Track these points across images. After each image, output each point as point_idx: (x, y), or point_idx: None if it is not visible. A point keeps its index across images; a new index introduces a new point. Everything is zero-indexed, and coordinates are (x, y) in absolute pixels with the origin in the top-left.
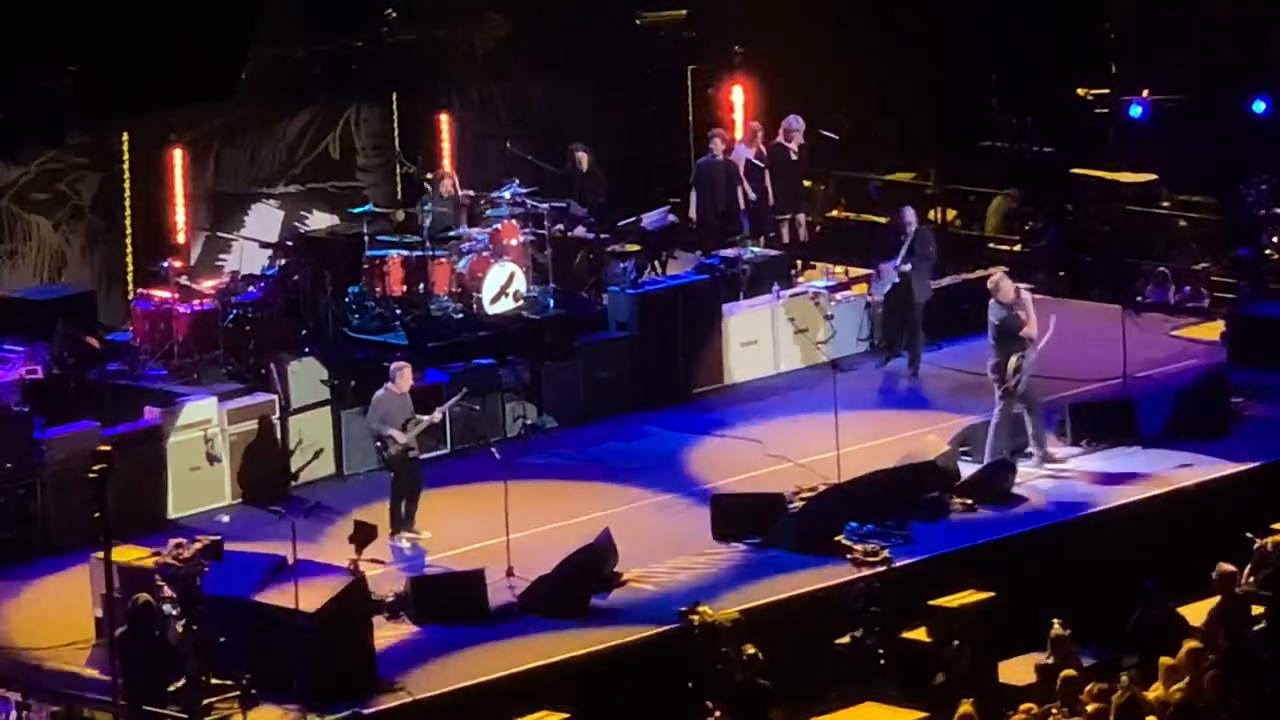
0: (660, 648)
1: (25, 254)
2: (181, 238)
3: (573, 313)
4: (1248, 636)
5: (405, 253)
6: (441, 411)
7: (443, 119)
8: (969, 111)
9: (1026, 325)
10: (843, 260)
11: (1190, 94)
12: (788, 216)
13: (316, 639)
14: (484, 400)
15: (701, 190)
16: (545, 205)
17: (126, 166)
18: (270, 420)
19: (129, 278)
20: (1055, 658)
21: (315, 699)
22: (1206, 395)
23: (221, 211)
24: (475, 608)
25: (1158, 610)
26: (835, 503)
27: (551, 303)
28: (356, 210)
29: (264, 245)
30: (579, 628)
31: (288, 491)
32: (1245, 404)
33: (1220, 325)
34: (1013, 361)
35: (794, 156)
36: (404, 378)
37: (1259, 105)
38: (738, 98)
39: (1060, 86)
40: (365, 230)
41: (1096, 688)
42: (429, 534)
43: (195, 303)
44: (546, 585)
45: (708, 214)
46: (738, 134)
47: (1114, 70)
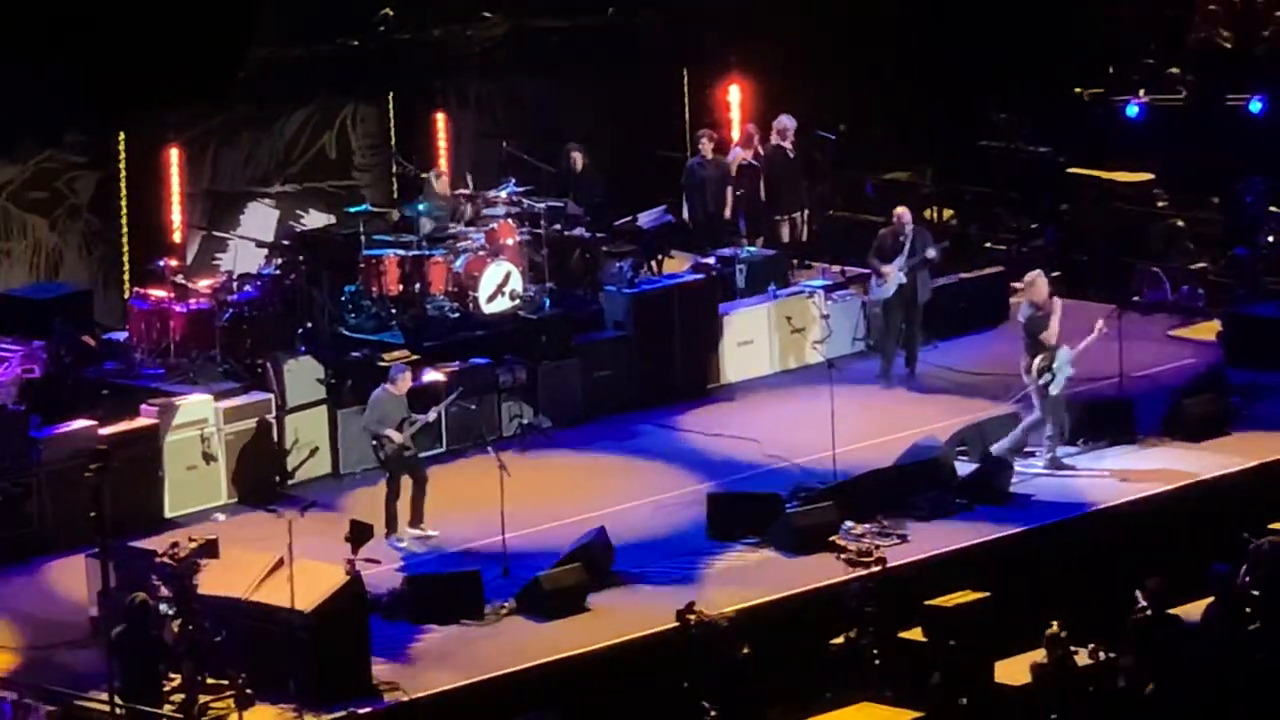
0: (656, 648)
1: (22, 253)
2: (178, 237)
3: (569, 312)
4: (1243, 637)
5: (401, 252)
6: (437, 411)
7: (439, 118)
8: (966, 111)
9: (1046, 331)
10: (839, 260)
11: (1187, 94)
12: (788, 216)
13: (312, 638)
14: (480, 400)
15: (692, 193)
16: (542, 204)
17: (123, 165)
18: (266, 419)
19: (125, 277)
20: (1051, 657)
21: (311, 699)
22: (1203, 395)
23: (218, 211)
24: (471, 607)
25: (1154, 611)
26: (832, 502)
27: (548, 302)
28: (353, 209)
29: (260, 244)
30: (575, 627)
31: (284, 490)
32: (1242, 404)
33: (1217, 325)
34: (1037, 362)
35: (791, 155)
36: (404, 380)
37: (1255, 105)
38: (734, 98)
39: (1057, 86)
40: (361, 229)
41: None
42: (437, 533)
43: (191, 302)
44: (543, 585)
45: (699, 215)
46: (734, 134)
47: (1111, 70)
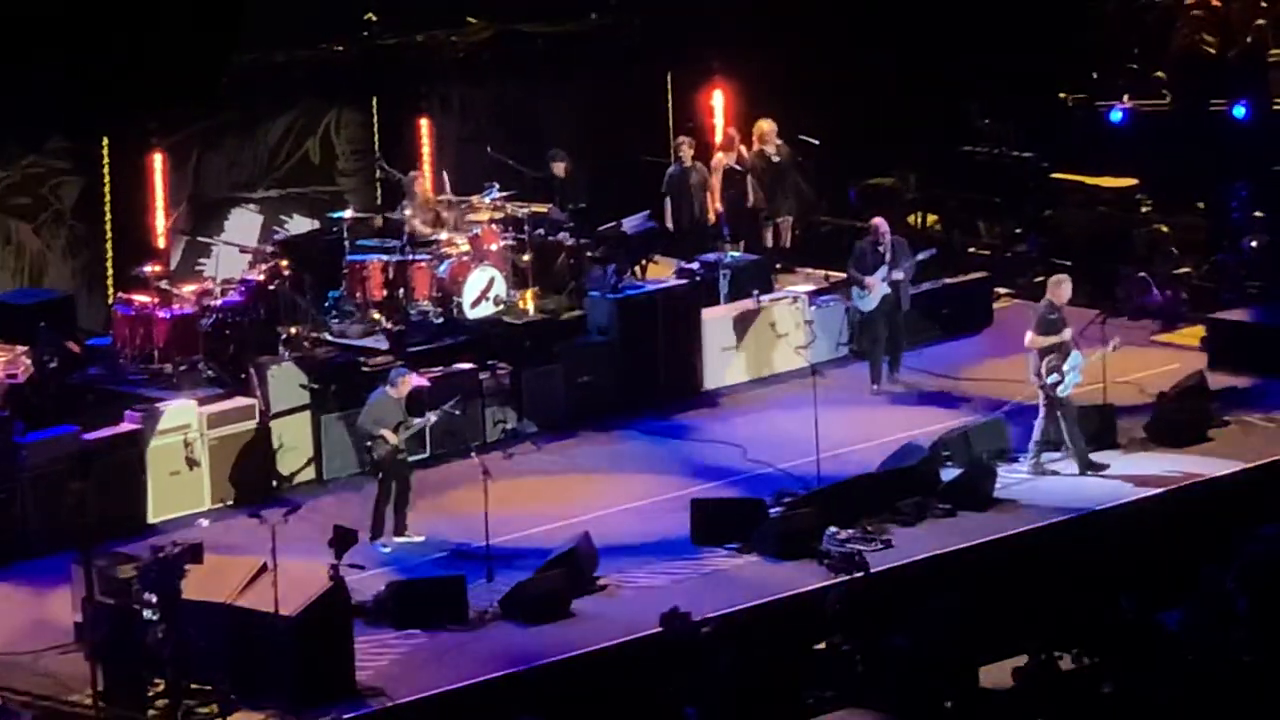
0: (640, 653)
1: (6, 258)
2: (162, 242)
3: (552, 317)
4: (1227, 640)
5: (385, 257)
6: (435, 415)
7: (423, 123)
8: (950, 116)
9: (1061, 332)
10: (823, 265)
11: (1170, 99)
12: (773, 221)
13: (296, 643)
14: (464, 405)
15: (674, 199)
16: (525, 210)
17: (107, 171)
18: (250, 425)
19: (109, 282)
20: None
21: (295, 703)
22: (1186, 400)
23: (202, 216)
24: (455, 612)
25: (1136, 618)
26: (815, 508)
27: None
28: (336, 215)
29: (244, 250)
30: (559, 632)
31: (268, 496)
32: (1225, 408)
33: (1200, 330)
34: (1045, 363)
35: (775, 159)
36: (404, 384)
37: (1239, 110)
38: (717, 103)
39: (1041, 91)
40: (345, 235)
41: None
42: (421, 537)
43: (175, 307)
44: (526, 590)
45: (683, 221)
46: (718, 138)
47: (1094, 76)
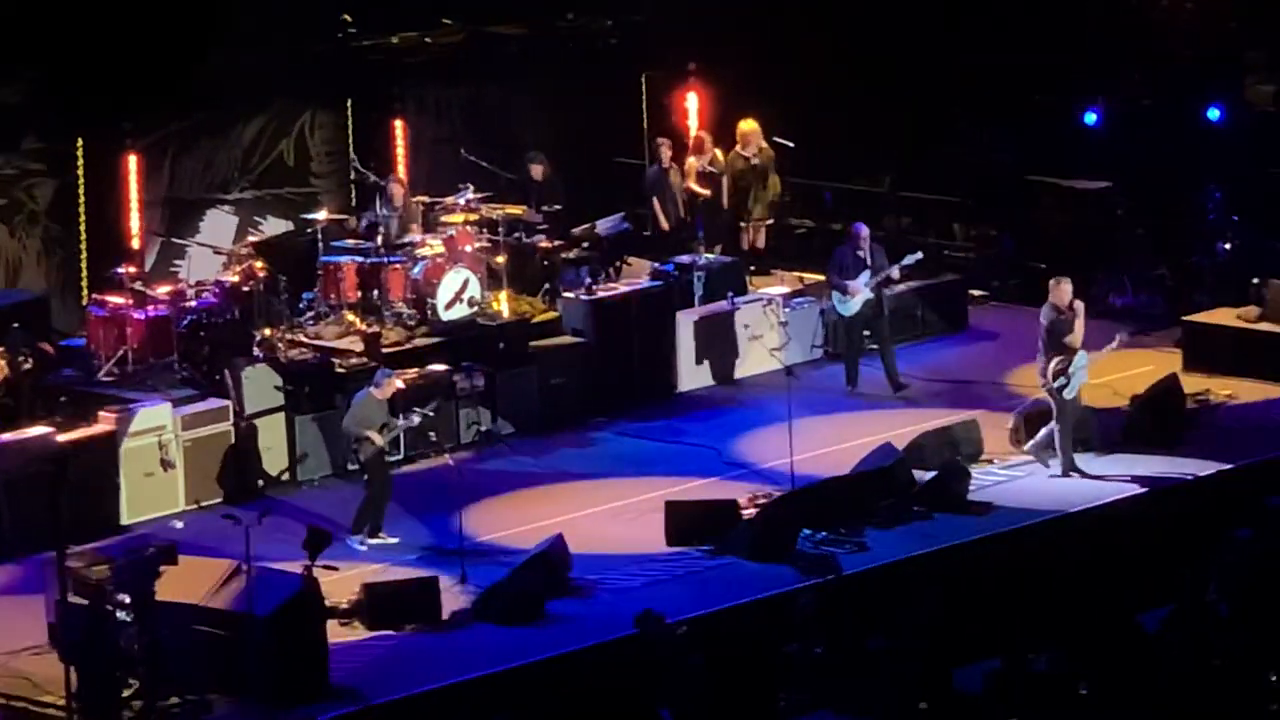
0: (614, 655)
1: None
2: (136, 243)
3: (527, 319)
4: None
5: (360, 259)
6: (418, 416)
7: (397, 125)
8: (924, 118)
9: (1072, 334)
10: (798, 267)
11: (1146, 101)
12: (751, 224)
13: (270, 644)
14: (439, 407)
15: (661, 197)
16: (499, 211)
17: (81, 172)
18: (224, 426)
19: (84, 283)
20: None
21: (269, 705)
22: (1161, 402)
23: (176, 217)
24: (429, 614)
25: (1112, 621)
26: (789, 510)
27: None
28: (311, 216)
29: (219, 251)
30: (532, 634)
31: (242, 497)
32: (1200, 410)
33: (1176, 333)
34: (1054, 365)
35: (754, 162)
36: (389, 385)
37: (1214, 113)
38: (692, 104)
39: (1016, 93)
40: (320, 236)
41: None
42: (396, 539)
43: (150, 308)
44: (500, 591)
45: (670, 221)
46: (691, 142)
47: (1070, 77)
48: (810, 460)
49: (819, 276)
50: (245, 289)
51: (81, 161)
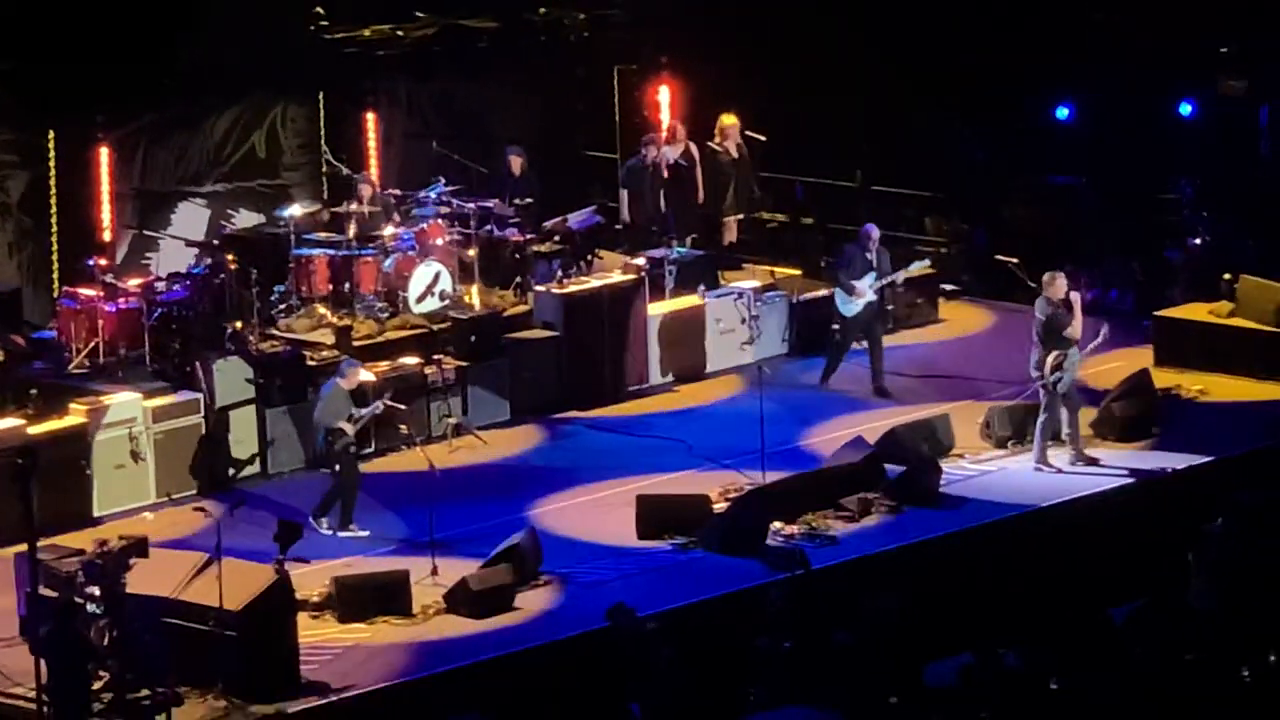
0: (584, 648)
1: None
2: (108, 236)
3: (498, 312)
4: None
5: (331, 252)
6: (381, 404)
7: (369, 118)
8: (896, 113)
9: (1070, 326)
10: (768, 261)
11: (1117, 96)
12: (731, 218)
13: (241, 638)
14: (410, 400)
15: (633, 190)
16: (471, 205)
17: (53, 164)
18: (195, 419)
19: (55, 276)
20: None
21: (239, 698)
22: (1132, 397)
23: (148, 210)
24: (399, 607)
25: (1082, 615)
26: (760, 504)
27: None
28: (281, 213)
29: (190, 244)
30: (503, 628)
31: (213, 489)
32: (1171, 405)
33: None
34: (1051, 359)
35: (734, 155)
36: (354, 374)
37: (1185, 108)
38: (664, 98)
39: (988, 88)
40: (291, 229)
41: None
42: (366, 532)
43: (121, 301)
44: (471, 584)
45: (640, 215)
46: (664, 135)
47: (1042, 72)
48: (781, 454)
49: (791, 271)
50: (216, 281)
51: (53, 154)
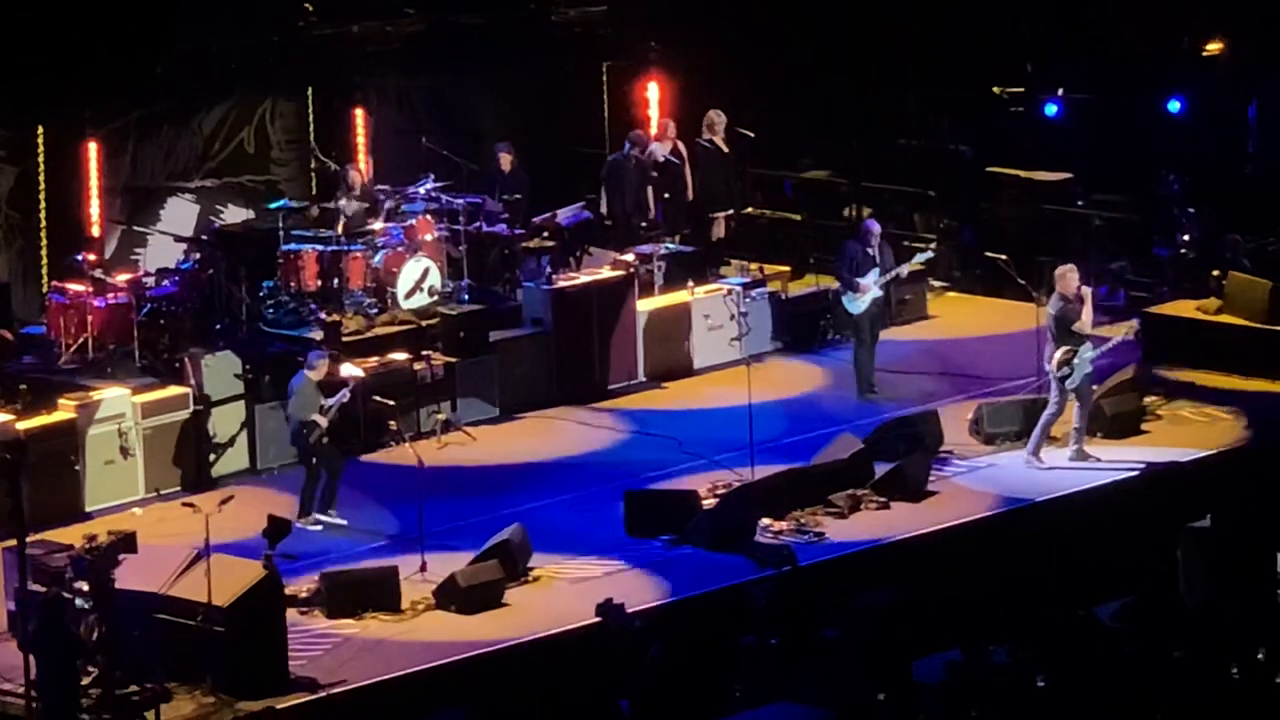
0: (572, 644)
1: None
2: (97, 231)
3: (487, 308)
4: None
5: (320, 247)
6: (348, 391)
7: (358, 113)
8: (885, 109)
9: (1080, 320)
10: (757, 258)
11: (1105, 93)
12: (721, 214)
13: (230, 633)
14: (399, 396)
15: (611, 186)
16: (460, 201)
17: (42, 159)
18: (184, 414)
19: (44, 271)
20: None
21: (228, 693)
22: (1121, 394)
23: (137, 205)
24: (388, 603)
25: (1067, 612)
26: (748, 500)
27: (466, 298)
28: (271, 205)
29: (179, 239)
30: (492, 623)
31: (201, 485)
32: (1159, 403)
33: (1135, 324)
34: (1060, 354)
35: (725, 151)
36: (322, 365)
37: (1174, 104)
38: (653, 94)
39: (976, 84)
40: (280, 225)
41: None
42: (345, 521)
43: (110, 296)
44: (460, 580)
45: (616, 211)
46: (653, 129)
47: (1029, 69)
48: (769, 450)
49: (780, 267)
50: (205, 277)
51: (42, 149)
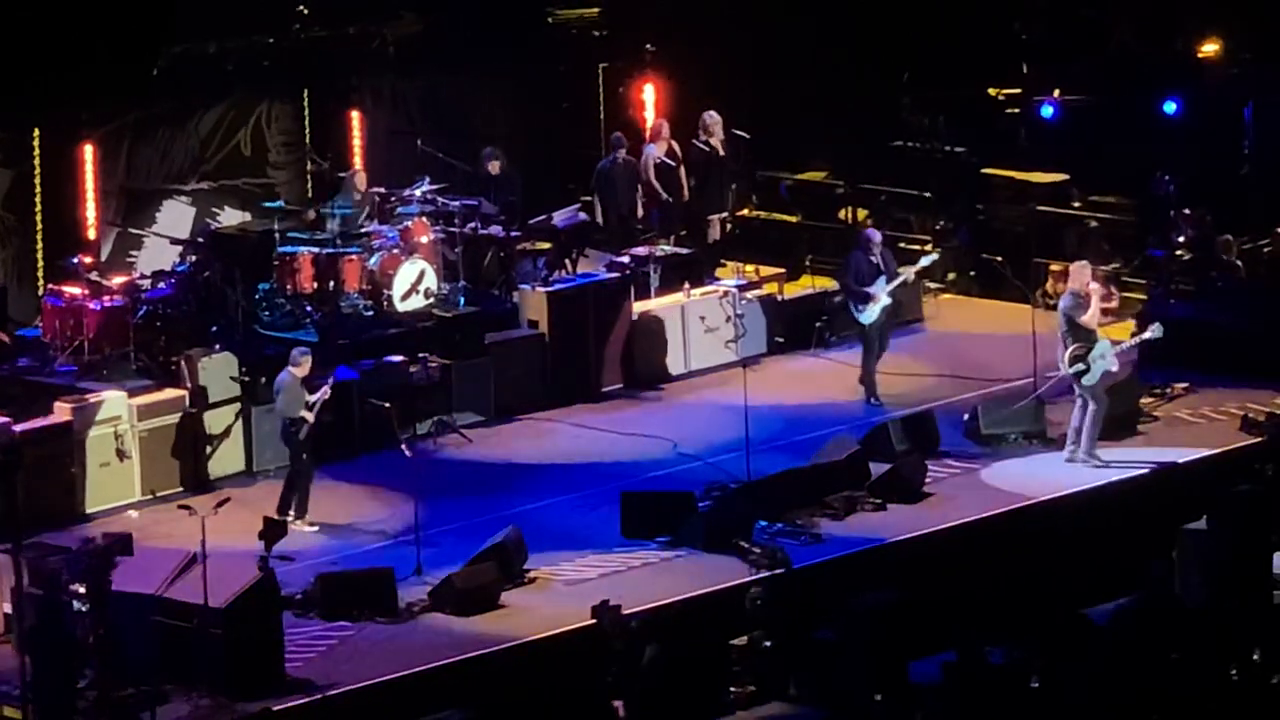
0: (568, 646)
1: None
2: (92, 233)
3: (483, 310)
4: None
5: (316, 250)
6: (328, 388)
7: (354, 116)
8: (881, 111)
9: (1086, 315)
10: (753, 260)
11: (1101, 94)
12: (716, 216)
13: (226, 635)
14: (394, 398)
15: (603, 193)
16: (456, 203)
17: (38, 162)
18: (180, 416)
19: (40, 273)
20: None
21: (224, 696)
22: (1116, 396)
23: (133, 207)
24: (384, 605)
25: (1061, 613)
26: (744, 502)
27: (462, 300)
28: (267, 206)
29: (175, 242)
30: (488, 625)
31: (197, 487)
32: (1155, 404)
33: (1131, 325)
34: (1071, 350)
35: (721, 153)
36: (306, 362)
37: (1169, 106)
38: (649, 96)
39: (971, 86)
40: (276, 227)
41: None
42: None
43: (106, 299)
44: (456, 582)
45: (611, 218)
46: (648, 132)
47: (1025, 70)
48: (765, 452)
49: (775, 269)
50: (201, 279)
51: (38, 151)
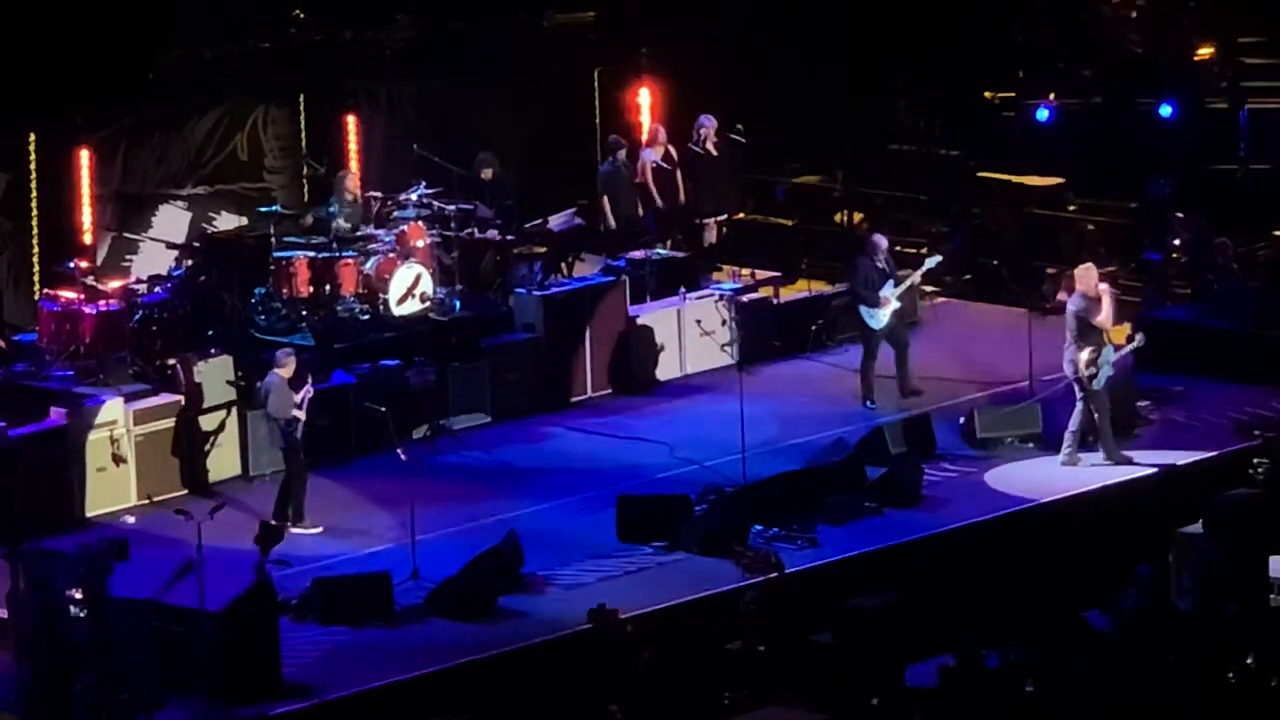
0: (564, 650)
1: None
2: (88, 238)
3: (479, 314)
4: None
5: (312, 254)
6: (311, 387)
7: (350, 120)
8: (876, 114)
9: (1100, 315)
10: (749, 263)
11: (1097, 97)
12: (713, 219)
13: (222, 640)
14: (390, 402)
15: (612, 197)
16: (452, 207)
17: (33, 166)
18: (176, 421)
19: (35, 278)
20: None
21: (222, 700)
22: (1112, 399)
23: (129, 212)
24: (381, 609)
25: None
26: (740, 506)
27: (458, 304)
28: (263, 211)
29: (171, 246)
30: (484, 630)
31: (194, 492)
32: (1151, 407)
33: (1126, 329)
34: (1085, 354)
35: (716, 156)
36: (290, 362)
37: (1165, 109)
38: (644, 99)
39: (967, 89)
40: (272, 231)
41: None
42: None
43: (101, 303)
44: (452, 587)
45: (619, 219)
46: (644, 136)
47: (1021, 74)
48: (762, 455)
49: (770, 272)
50: (197, 284)
51: (33, 156)
